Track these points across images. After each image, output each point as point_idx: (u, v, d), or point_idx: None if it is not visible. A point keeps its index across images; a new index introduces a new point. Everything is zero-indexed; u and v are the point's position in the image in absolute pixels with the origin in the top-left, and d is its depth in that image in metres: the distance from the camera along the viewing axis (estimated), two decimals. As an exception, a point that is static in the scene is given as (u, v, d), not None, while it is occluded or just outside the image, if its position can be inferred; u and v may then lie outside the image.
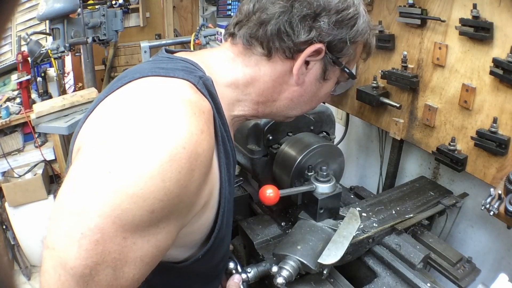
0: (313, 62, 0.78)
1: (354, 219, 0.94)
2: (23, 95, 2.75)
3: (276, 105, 0.83)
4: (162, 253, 0.59)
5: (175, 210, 0.56)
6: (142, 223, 0.52)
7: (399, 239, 1.00)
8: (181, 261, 0.74)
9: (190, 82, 0.65)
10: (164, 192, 0.52)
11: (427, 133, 1.26)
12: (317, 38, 0.74)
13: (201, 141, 0.57)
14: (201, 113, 0.61)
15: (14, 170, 2.70)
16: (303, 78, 0.79)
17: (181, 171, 0.54)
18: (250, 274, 0.91)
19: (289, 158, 1.06)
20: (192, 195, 0.59)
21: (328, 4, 0.74)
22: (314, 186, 0.96)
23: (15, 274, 2.69)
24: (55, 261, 0.50)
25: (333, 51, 0.78)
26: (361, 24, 0.78)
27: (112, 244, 0.50)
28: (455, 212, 1.27)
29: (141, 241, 0.53)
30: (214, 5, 2.71)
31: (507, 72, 0.96)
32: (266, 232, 1.06)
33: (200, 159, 0.57)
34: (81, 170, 0.53)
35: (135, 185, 0.50)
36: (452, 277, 0.97)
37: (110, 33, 2.69)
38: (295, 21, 0.73)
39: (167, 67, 0.67)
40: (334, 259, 0.81)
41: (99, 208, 0.49)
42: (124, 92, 0.62)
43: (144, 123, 0.55)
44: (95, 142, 0.55)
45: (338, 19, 0.74)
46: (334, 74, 0.83)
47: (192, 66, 0.72)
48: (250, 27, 0.76)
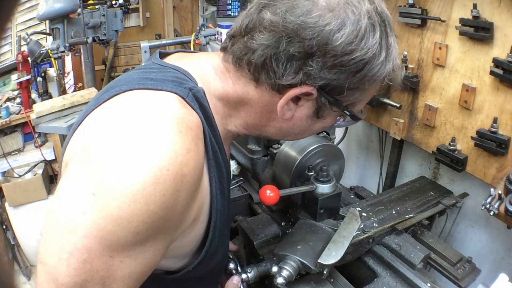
0: (304, 100, 0.69)
1: (354, 219, 0.94)
2: (23, 95, 2.75)
3: (266, 130, 0.77)
4: (151, 269, 0.59)
5: (161, 230, 0.56)
6: (127, 243, 0.52)
7: (399, 239, 1.00)
8: (173, 271, 0.74)
9: (178, 95, 0.62)
10: (148, 215, 0.52)
11: (427, 133, 1.26)
12: (304, 81, 0.64)
13: (187, 161, 0.56)
14: (188, 129, 0.59)
15: (14, 170, 2.70)
16: (291, 113, 0.70)
17: (165, 193, 0.53)
18: (250, 274, 0.91)
19: (289, 158, 1.06)
20: (179, 214, 0.59)
21: (324, 47, 0.61)
22: (314, 186, 0.96)
23: (15, 274, 2.69)
24: (47, 277, 0.51)
25: (330, 92, 0.67)
26: (371, 69, 0.65)
27: (100, 263, 0.51)
28: (455, 212, 1.27)
29: (128, 260, 0.53)
30: (214, 5, 2.71)
31: (507, 72, 0.96)
32: (266, 232, 1.06)
33: (186, 179, 0.56)
34: (68, 190, 0.53)
35: (119, 208, 0.50)
36: (452, 277, 0.97)
37: (110, 33, 2.69)
38: (281, 59, 0.63)
39: (156, 78, 0.65)
40: (334, 259, 0.81)
41: (85, 229, 0.50)
42: (110, 108, 0.61)
43: (128, 144, 0.54)
44: (80, 160, 0.55)
45: (336, 64, 0.62)
46: (332, 113, 0.72)
47: (183, 76, 0.68)
48: (239, 49, 0.68)
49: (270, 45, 0.63)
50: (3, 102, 2.81)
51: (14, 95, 2.93)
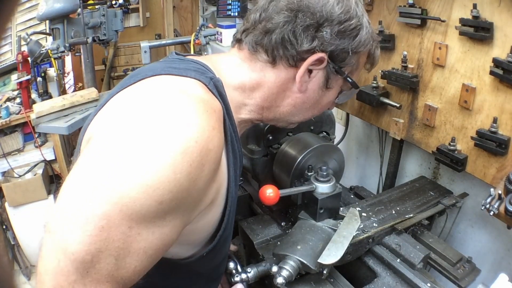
0: (316, 70, 0.80)
1: (354, 219, 0.94)
2: (23, 95, 2.75)
3: (279, 111, 0.85)
4: (166, 247, 0.58)
5: (182, 204, 0.56)
6: (149, 213, 0.51)
7: (399, 239, 1.00)
8: (185, 258, 0.75)
9: (201, 82, 0.67)
10: (174, 184, 0.52)
11: (427, 133, 1.26)
12: (319, 47, 0.76)
13: (213, 137, 0.59)
14: (212, 111, 0.62)
15: (14, 170, 2.70)
16: (306, 85, 0.81)
17: (192, 164, 0.55)
18: (250, 274, 0.91)
19: (289, 158, 1.06)
20: (200, 190, 0.60)
21: (330, 15, 0.76)
22: (314, 186, 0.96)
23: (15, 274, 2.69)
24: (56, 246, 0.48)
25: (335, 60, 0.80)
26: (364, 35, 0.80)
27: (117, 232, 0.49)
28: (455, 212, 1.27)
29: (146, 232, 0.52)
30: (214, 5, 2.71)
31: (507, 72, 0.96)
32: (266, 232, 1.06)
33: (211, 155, 0.58)
34: (92, 157, 0.53)
35: (146, 174, 0.50)
36: (452, 277, 0.97)
37: (110, 33, 2.69)
38: (298, 30, 0.75)
39: (179, 67, 0.70)
40: (334, 259, 0.81)
41: (107, 194, 0.49)
42: (138, 88, 0.64)
43: (158, 117, 0.56)
44: (107, 131, 0.56)
45: (341, 30, 0.77)
46: (337, 83, 0.85)
47: (203, 68, 0.74)
48: (256, 35, 0.79)
49: (288, 20, 0.75)
50: (3, 102, 2.81)
51: (14, 95, 2.93)
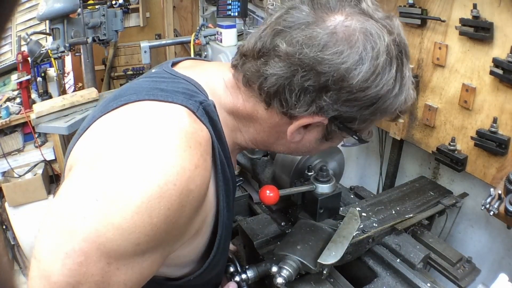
0: (314, 125, 0.69)
1: (354, 219, 0.94)
2: (23, 95, 2.75)
3: (273, 147, 0.78)
4: (147, 279, 0.59)
5: (162, 243, 0.56)
6: (126, 253, 0.52)
7: (399, 239, 1.00)
8: (173, 278, 0.74)
9: (189, 108, 0.62)
10: (150, 228, 0.52)
11: (427, 133, 1.26)
12: (317, 112, 0.64)
13: (194, 176, 0.56)
14: (197, 144, 0.58)
15: (14, 170, 2.70)
16: (300, 137, 0.71)
17: (170, 208, 0.53)
18: (250, 274, 0.91)
19: (289, 158, 1.06)
20: (181, 228, 0.59)
21: (340, 83, 0.60)
22: (314, 186, 0.96)
23: (15, 274, 2.69)
24: (41, 273, 0.50)
25: (341, 121, 0.67)
26: (384, 103, 0.64)
27: (95, 268, 0.50)
28: (455, 212, 1.27)
29: (125, 268, 0.53)
30: (214, 5, 2.71)
31: (507, 72, 0.96)
32: (266, 232, 1.06)
33: (192, 195, 0.56)
34: (71, 192, 0.53)
35: (121, 217, 0.50)
36: (452, 277, 0.97)
37: (110, 33, 2.68)
38: (294, 90, 0.63)
39: (166, 89, 0.64)
40: (334, 259, 0.81)
41: (84, 233, 0.49)
42: (119, 117, 0.60)
43: (137, 155, 0.53)
44: (86, 165, 0.55)
45: (350, 99, 0.62)
46: (340, 137, 0.74)
47: (194, 89, 0.68)
48: (251, 71, 0.67)
49: (284, 75, 0.62)
50: (3, 102, 2.81)
51: (14, 95, 2.93)
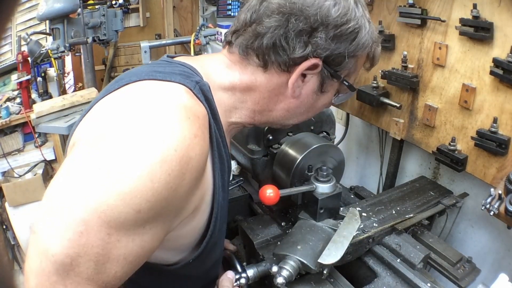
0: (310, 75, 0.76)
1: (354, 219, 0.94)
2: (23, 95, 2.75)
3: (272, 115, 0.82)
4: (147, 254, 0.59)
5: (162, 213, 0.56)
6: (127, 221, 0.52)
7: (399, 239, 1.00)
8: (171, 263, 0.74)
9: (186, 86, 0.65)
10: (152, 193, 0.52)
11: (427, 133, 1.26)
12: (313, 53, 0.72)
13: (194, 145, 0.58)
14: (195, 118, 0.61)
15: (14, 170, 2.70)
16: (299, 90, 0.78)
17: (171, 173, 0.54)
18: (250, 274, 0.91)
19: (289, 158, 1.06)
20: (181, 199, 0.59)
21: (326, 19, 0.70)
22: (314, 186, 0.96)
23: (15, 274, 2.69)
24: (39, 247, 0.50)
25: (331, 64, 0.76)
26: (362, 37, 0.75)
27: (96, 239, 0.50)
28: (455, 212, 1.27)
29: (125, 240, 0.53)
30: (214, 5, 2.71)
31: (507, 72, 0.96)
32: (266, 232, 1.06)
33: (192, 163, 0.58)
34: (73, 164, 0.54)
35: (123, 182, 0.51)
36: (452, 277, 0.97)
37: (110, 33, 2.69)
38: (290, 35, 0.71)
39: (164, 71, 0.68)
40: (334, 259, 0.81)
41: (85, 201, 0.50)
42: (120, 94, 0.63)
43: (138, 124, 0.55)
44: (88, 138, 0.57)
45: (336, 34, 0.72)
46: (333, 86, 0.81)
47: (190, 71, 0.72)
48: (246, 38, 0.74)
49: (280, 25, 0.71)
50: (3, 102, 2.81)
51: (14, 95, 2.93)
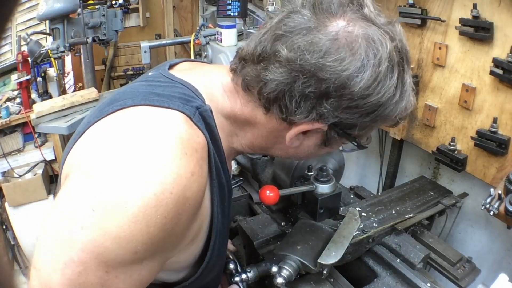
0: (313, 131, 0.68)
1: (354, 219, 0.94)
2: (23, 95, 2.75)
3: (271, 151, 0.77)
4: (145, 285, 0.59)
5: (159, 250, 0.56)
6: (124, 261, 0.52)
7: (399, 239, 1.00)
8: (170, 283, 0.74)
9: (185, 114, 0.61)
10: (148, 237, 0.52)
11: (427, 133, 1.26)
12: (317, 119, 0.63)
13: (191, 184, 0.56)
14: (193, 151, 0.58)
15: (14, 170, 2.70)
16: (299, 142, 0.70)
17: (167, 216, 0.53)
18: (250, 274, 0.91)
19: (289, 158, 1.06)
20: (178, 235, 0.59)
21: (342, 89, 0.59)
22: (314, 186, 0.96)
23: (15, 274, 2.69)
24: (40, 282, 0.51)
25: (341, 127, 0.66)
26: (385, 111, 0.63)
27: (94, 277, 0.51)
28: (455, 212, 1.27)
29: (123, 276, 0.53)
30: (214, 5, 2.71)
31: (507, 72, 0.96)
32: (266, 232, 1.06)
33: (189, 203, 0.56)
34: (68, 202, 0.53)
35: (118, 227, 0.50)
36: (452, 277, 0.97)
37: (110, 33, 2.68)
38: (294, 96, 0.62)
39: (163, 94, 0.63)
40: (334, 259, 0.81)
41: (82, 243, 0.50)
42: (114, 123, 0.60)
43: (132, 163, 0.53)
44: (82, 173, 0.55)
45: (350, 106, 0.61)
46: (339, 141, 0.73)
47: (191, 93, 0.67)
48: (250, 76, 0.66)
49: (284, 81, 0.61)
50: (3, 102, 2.81)
51: (14, 95, 2.93)
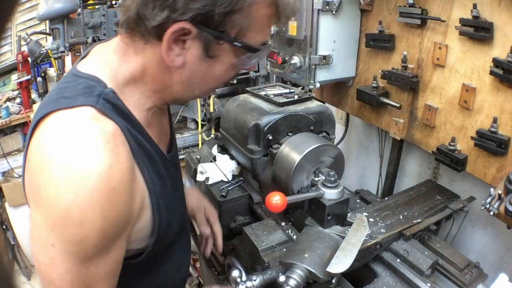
0: (189, 41, 0.68)
1: (363, 226, 0.92)
2: (23, 95, 2.75)
3: (173, 90, 0.76)
4: (121, 260, 0.71)
5: (115, 233, 0.66)
6: (94, 253, 0.64)
7: (407, 245, 0.98)
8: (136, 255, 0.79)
9: (90, 106, 0.66)
10: (98, 231, 0.62)
11: (427, 133, 1.26)
12: (174, 17, 0.63)
13: (112, 175, 0.62)
14: (105, 143, 0.63)
15: (14, 170, 2.70)
16: (181, 59, 0.69)
17: (104, 210, 0.62)
18: (255, 282, 0.87)
19: (289, 158, 1.06)
20: (124, 215, 0.67)
21: None
22: (321, 192, 0.94)
23: (15, 274, 2.69)
24: None
25: (210, 25, 0.65)
26: None
27: (81, 275, 0.63)
28: (461, 217, 1.26)
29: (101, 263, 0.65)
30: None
31: (507, 72, 0.96)
32: (271, 238, 1.04)
33: (118, 190, 0.63)
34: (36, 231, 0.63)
35: (74, 234, 0.61)
36: (460, 283, 0.95)
37: (110, 33, 2.68)
38: (148, 3, 0.64)
39: (69, 95, 0.68)
40: (343, 268, 0.79)
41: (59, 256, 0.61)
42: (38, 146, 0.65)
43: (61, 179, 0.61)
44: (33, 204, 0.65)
45: None
46: (223, 49, 0.70)
47: (92, 83, 0.70)
48: (123, 15, 0.70)
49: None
50: (3, 102, 2.81)
51: (14, 95, 2.94)
